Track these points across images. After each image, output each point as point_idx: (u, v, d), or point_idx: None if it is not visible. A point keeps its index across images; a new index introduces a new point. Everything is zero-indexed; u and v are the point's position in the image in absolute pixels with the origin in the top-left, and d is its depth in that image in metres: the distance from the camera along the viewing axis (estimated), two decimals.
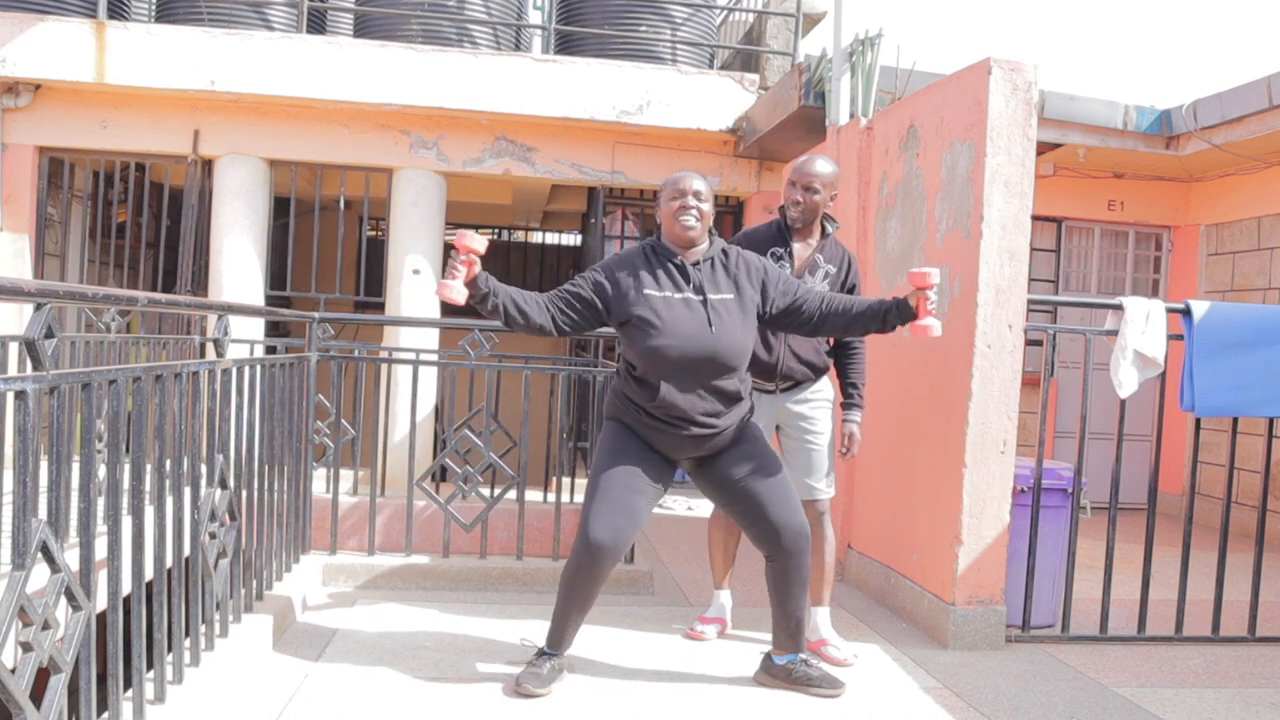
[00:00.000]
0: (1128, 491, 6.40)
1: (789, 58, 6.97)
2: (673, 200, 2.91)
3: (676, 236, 2.92)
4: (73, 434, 2.04)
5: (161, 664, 2.42)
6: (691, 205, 2.89)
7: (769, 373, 3.40)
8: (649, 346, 2.81)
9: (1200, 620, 3.80)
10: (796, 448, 3.47)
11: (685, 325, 2.82)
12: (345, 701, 2.80)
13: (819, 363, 3.44)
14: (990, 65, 3.54)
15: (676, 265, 2.92)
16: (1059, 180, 6.97)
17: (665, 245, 2.95)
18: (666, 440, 2.91)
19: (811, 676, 3.02)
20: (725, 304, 2.89)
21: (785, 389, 3.44)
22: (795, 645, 3.06)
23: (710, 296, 2.88)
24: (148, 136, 6.64)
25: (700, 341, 2.81)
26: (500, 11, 7.12)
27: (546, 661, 2.95)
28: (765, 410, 3.45)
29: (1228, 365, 3.61)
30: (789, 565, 2.96)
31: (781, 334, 3.36)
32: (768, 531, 2.93)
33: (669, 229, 2.93)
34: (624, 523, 2.84)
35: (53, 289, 1.85)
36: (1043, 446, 3.69)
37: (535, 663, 2.96)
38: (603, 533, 2.81)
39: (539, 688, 2.86)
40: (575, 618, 2.96)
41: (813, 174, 3.36)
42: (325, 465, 4.44)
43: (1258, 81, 5.42)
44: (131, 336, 5.60)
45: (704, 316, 2.84)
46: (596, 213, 7.36)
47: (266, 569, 3.50)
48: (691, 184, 2.91)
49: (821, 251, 3.43)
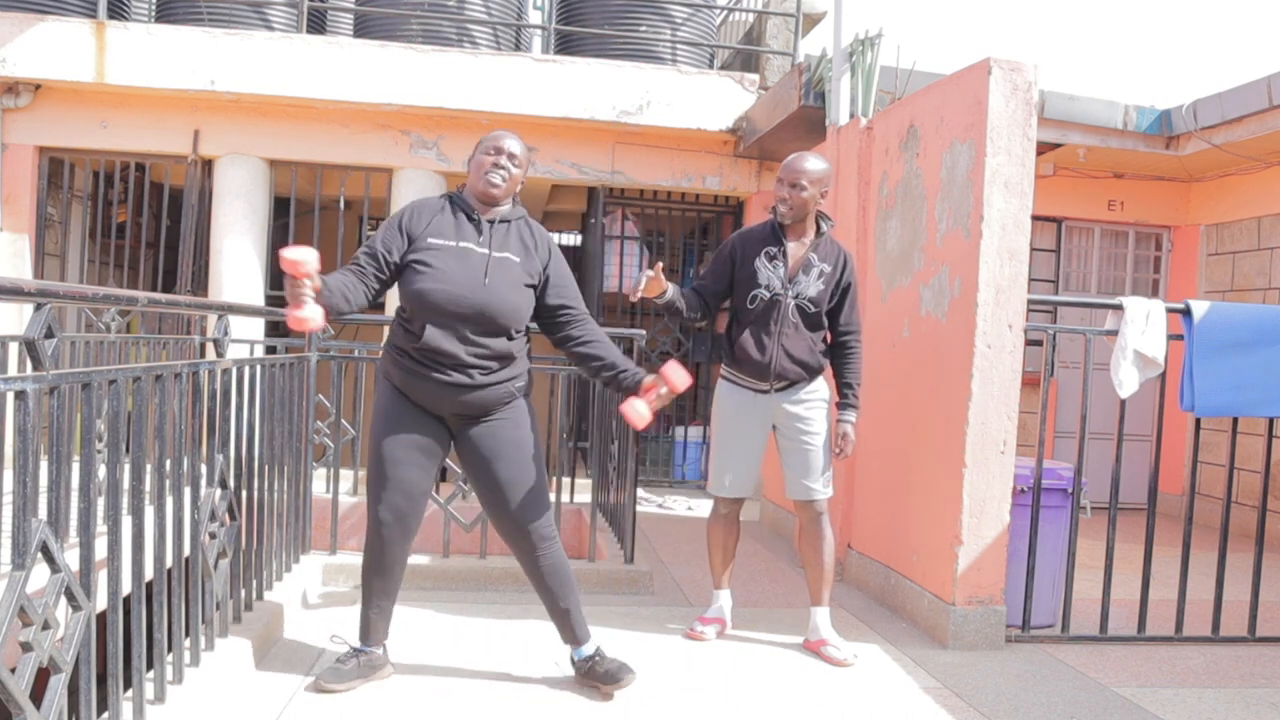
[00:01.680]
0: (1128, 491, 6.39)
1: (789, 58, 6.97)
2: (486, 155, 2.86)
3: (480, 191, 2.86)
4: (73, 434, 2.04)
5: (161, 664, 2.42)
6: (503, 165, 2.84)
7: (763, 372, 3.39)
8: (417, 289, 2.75)
9: (1200, 620, 3.80)
10: (792, 448, 3.46)
11: (458, 273, 2.76)
12: (345, 701, 2.80)
13: (813, 362, 3.43)
14: (990, 65, 3.54)
15: (471, 218, 2.86)
16: (1059, 180, 6.97)
17: (464, 198, 2.90)
18: (426, 389, 2.79)
19: (597, 670, 2.93)
20: (507, 262, 2.83)
21: (780, 389, 3.43)
22: (574, 637, 2.98)
23: (494, 253, 2.82)
24: (148, 136, 6.64)
25: (470, 291, 2.74)
26: (500, 11, 7.12)
27: (353, 658, 2.91)
28: (761, 410, 3.45)
29: (1228, 365, 3.61)
30: (528, 559, 2.92)
31: (775, 334, 3.36)
32: (504, 524, 2.90)
33: (473, 182, 2.88)
34: (402, 500, 2.83)
35: (53, 289, 1.85)
36: (1043, 446, 3.69)
37: (342, 659, 2.93)
38: (385, 513, 2.82)
39: (337, 684, 2.84)
40: (380, 605, 2.92)
41: (799, 170, 3.35)
42: (325, 465, 4.44)
43: (1258, 81, 5.42)
44: (131, 336, 5.60)
45: (481, 269, 2.78)
46: (596, 213, 7.35)
47: (266, 569, 3.50)
48: (509, 144, 2.86)
49: (816, 250, 3.42)
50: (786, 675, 3.22)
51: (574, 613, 2.97)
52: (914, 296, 4.08)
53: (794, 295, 3.39)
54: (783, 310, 3.38)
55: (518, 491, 2.87)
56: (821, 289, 3.40)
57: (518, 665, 3.15)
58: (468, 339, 2.76)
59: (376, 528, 2.84)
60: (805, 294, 3.39)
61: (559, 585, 2.95)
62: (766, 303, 3.39)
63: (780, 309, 3.38)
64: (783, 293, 3.39)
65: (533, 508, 2.89)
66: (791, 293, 3.39)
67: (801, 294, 3.39)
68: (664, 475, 7.72)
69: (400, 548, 2.86)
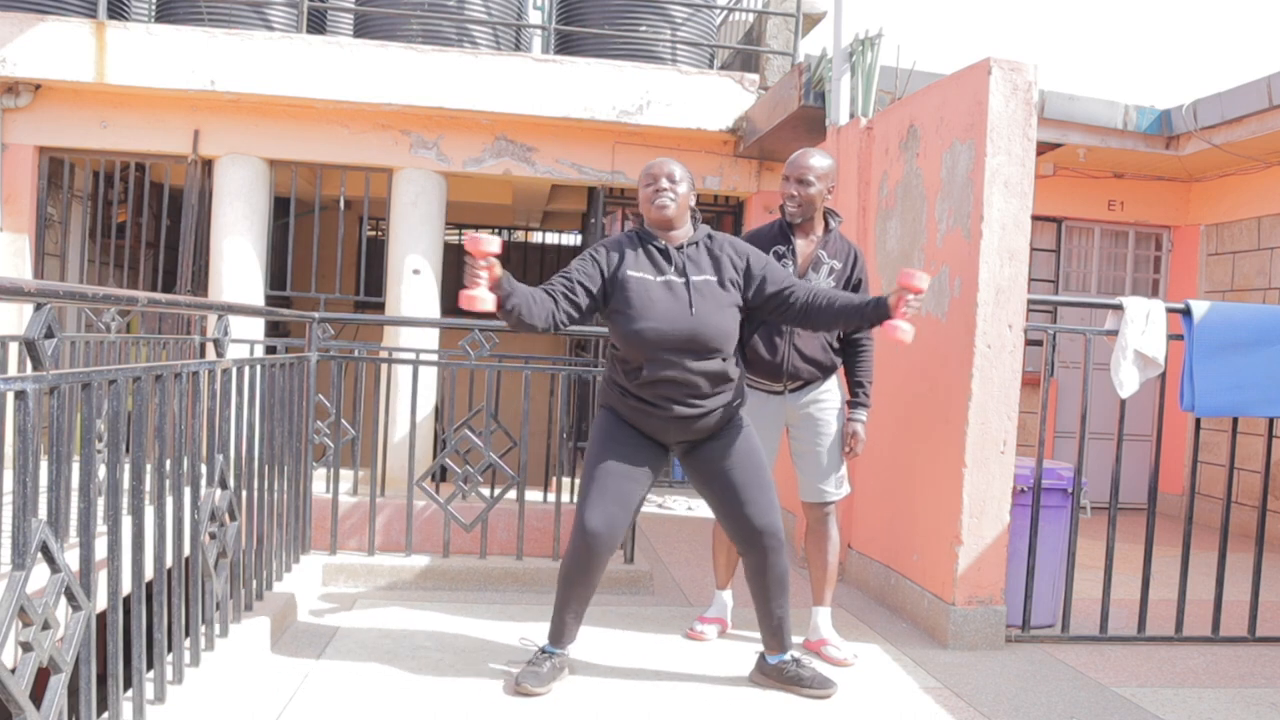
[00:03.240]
0: (1128, 491, 6.40)
1: (789, 58, 6.97)
2: (648, 186, 2.94)
3: (655, 219, 2.94)
4: (73, 434, 2.04)
5: (161, 664, 2.42)
6: (665, 188, 2.91)
7: (775, 373, 3.37)
8: (629, 330, 2.82)
9: (1200, 620, 3.80)
10: (806, 449, 3.45)
11: (663, 307, 2.83)
12: (345, 701, 2.80)
13: (826, 362, 3.41)
14: (990, 65, 3.54)
15: (659, 249, 2.94)
16: (1059, 180, 6.97)
17: (648, 230, 2.98)
18: (654, 423, 2.91)
19: (802, 676, 3.01)
20: (707, 285, 2.89)
21: (794, 389, 3.41)
22: (780, 644, 3.05)
23: (693, 278, 2.89)
24: (148, 136, 6.64)
25: (680, 323, 2.82)
26: (500, 11, 7.12)
27: (546, 660, 2.96)
28: (774, 411, 3.43)
29: (1228, 365, 3.61)
30: (762, 564, 2.97)
31: (786, 333, 3.34)
32: (743, 528, 2.95)
33: (647, 213, 2.96)
34: (617, 510, 2.87)
35: (53, 289, 1.85)
36: (1043, 446, 3.69)
37: (535, 661, 2.96)
38: (597, 520, 2.84)
39: (538, 686, 2.86)
40: (575, 610, 2.98)
41: (805, 166, 3.34)
42: (325, 465, 4.45)
43: (1258, 81, 5.42)
44: (131, 336, 5.60)
45: (685, 298, 2.85)
46: (596, 213, 7.36)
47: (266, 569, 3.50)
48: (665, 168, 2.94)
49: (825, 247, 3.40)
50: None
51: (786, 622, 3.04)
52: None
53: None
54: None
55: (753, 493, 2.93)
56: (833, 286, 3.36)
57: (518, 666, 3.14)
58: (686, 372, 2.83)
59: (586, 536, 2.85)
60: None
61: (782, 595, 3.00)
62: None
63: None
64: None
65: (768, 510, 2.95)
66: None
67: None
68: (664, 475, 7.72)
69: (605, 556, 2.90)
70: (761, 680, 3.07)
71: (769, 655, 3.07)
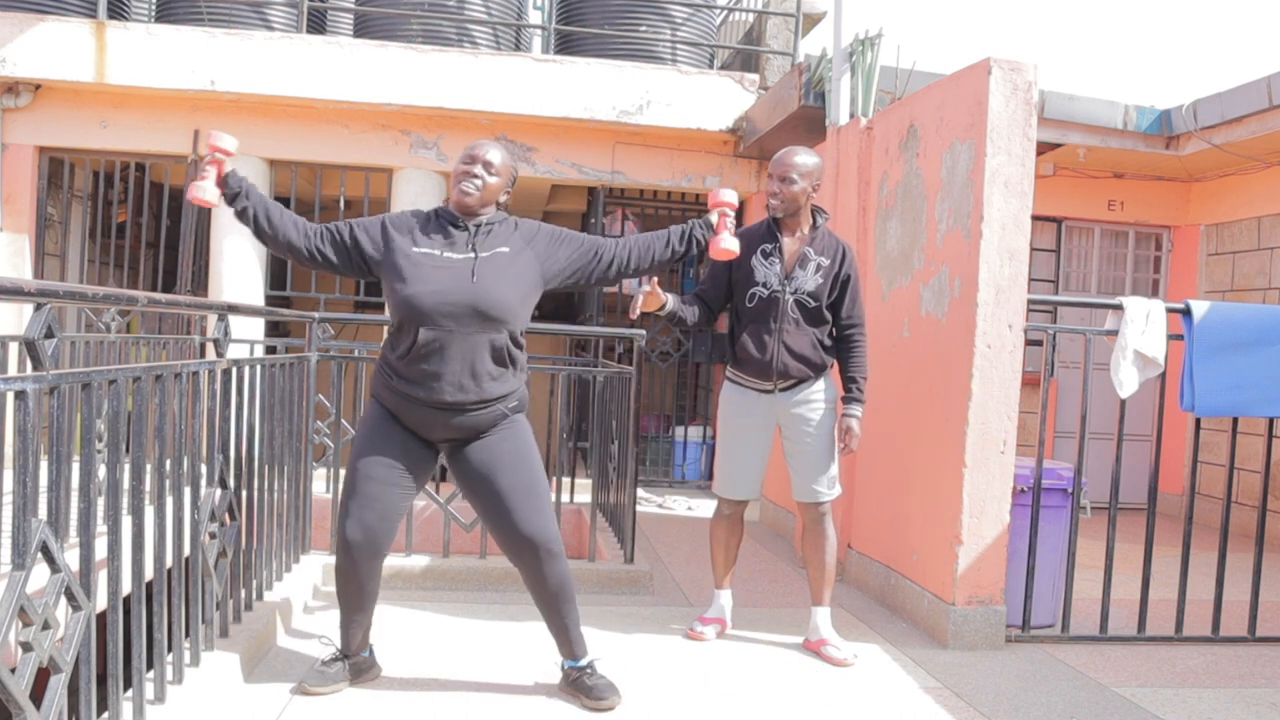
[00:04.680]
0: (1128, 491, 6.39)
1: (789, 58, 6.97)
2: (461, 164, 2.81)
3: (456, 201, 2.81)
4: (73, 434, 2.04)
5: (161, 664, 2.42)
6: (477, 174, 2.78)
7: (765, 371, 3.37)
8: (403, 296, 2.66)
9: (1200, 620, 3.80)
10: (798, 449, 3.44)
11: (444, 276, 2.69)
12: (345, 701, 2.80)
13: (816, 360, 3.40)
14: (990, 65, 3.54)
15: (455, 225, 2.80)
16: (1059, 180, 6.97)
17: (447, 209, 2.85)
18: (421, 413, 2.72)
19: (585, 685, 2.85)
20: (496, 257, 2.75)
21: (784, 388, 3.41)
22: (570, 650, 2.91)
23: (481, 254, 2.75)
24: (148, 136, 6.64)
25: (459, 292, 2.66)
26: (500, 11, 7.12)
27: (337, 662, 2.91)
28: (765, 410, 3.43)
29: (1228, 365, 3.61)
30: (536, 574, 2.81)
31: (775, 331, 3.34)
32: (510, 537, 2.78)
33: (450, 192, 2.85)
34: (376, 520, 2.72)
35: (53, 289, 1.85)
36: (1043, 446, 3.69)
37: (327, 663, 2.92)
38: (356, 533, 2.71)
39: (320, 687, 2.82)
40: (356, 619, 2.86)
41: (789, 164, 3.33)
42: (325, 465, 4.44)
43: (1258, 81, 5.42)
44: (131, 336, 5.60)
45: (468, 269, 2.71)
46: (596, 213, 7.35)
47: (266, 569, 3.50)
48: (484, 153, 2.81)
49: (812, 244, 3.40)
50: (787, 675, 3.22)
51: (573, 628, 2.90)
52: (914, 296, 4.08)
53: (792, 291, 3.36)
54: (781, 307, 3.36)
55: (520, 500, 2.75)
56: (820, 283, 3.37)
57: (518, 666, 3.15)
58: (462, 335, 2.67)
59: (345, 548, 2.73)
60: (803, 289, 3.36)
61: (560, 596, 2.85)
62: (765, 300, 3.37)
63: (779, 306, 3.36)
64: (780, 289, 3.36)
65: (537, 518, 2.76)
66: (789, 288, 3.36)
67: (800, 289, 3.36)
68: (664, 475, 7.72)
69: (370, 567, 2.77)
70: (561, 688, 2.94)
71: (566, 661, 2.93)
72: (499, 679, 3.03)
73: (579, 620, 2.93)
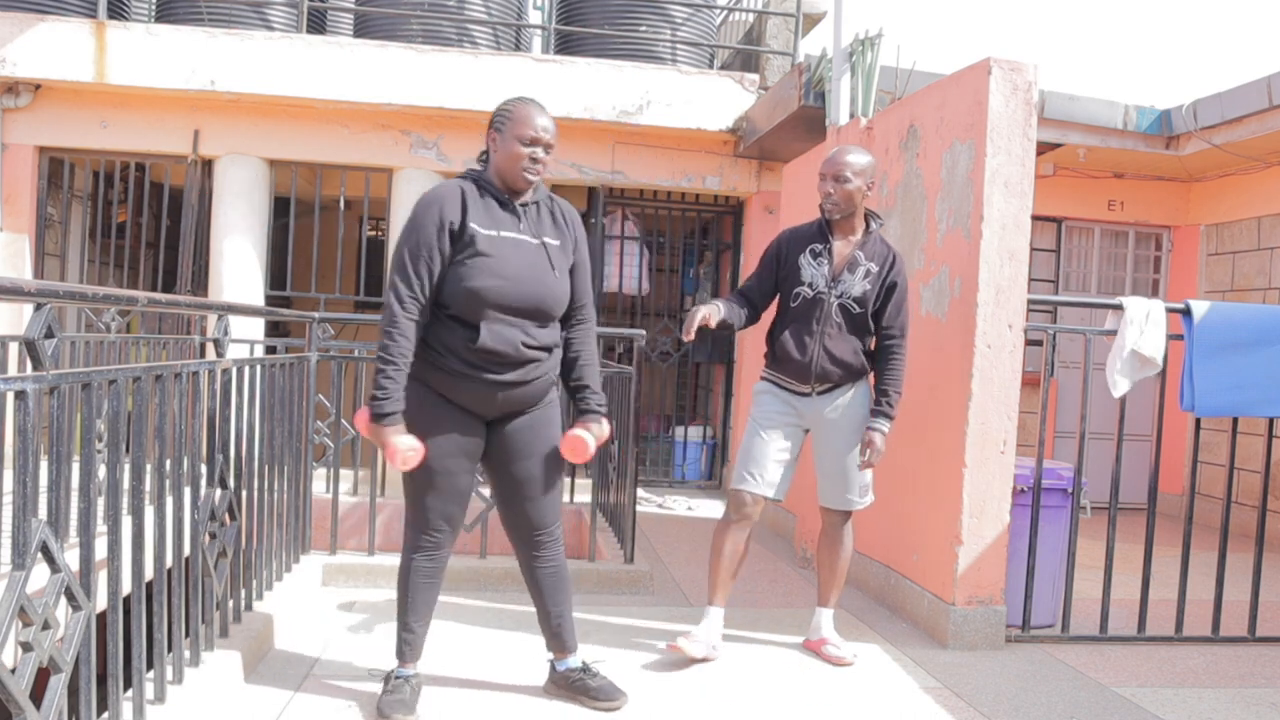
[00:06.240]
0: (1128, 491, 6.39)
1: (789, 58, 6.97)
2: (524, 146, 2.62)
3: (514, 185, 2.66)
4: (73, 434, 2.04)
5: (161, 664, 2.42)
6: (541, 159, 2.65)
7: (804, 373, 3.26)
8: (471, 286, 2.54)
9: (1200, 620, 3.80)
10: (832, 455, 3.33)
11: (517, 267, 2.59)
12: (345, 701, 2.79)
13: (856, 365, 3.29)
14: (990, 65, 3.54)
15: (503, 204, 2.67)
16: (1059, 180, 6.97)
17: (490, 182, 2.68)
18: (476, 392, 2.62)
19: (590, 687, 2.83)
20: (556, 249, 2.70)
21: (822, 391, 3.30)
22: (562, 646, 2.88)
23: (547, 240, 2.68)
24: (148, 136, 6.64)
25: (528, 284, 2.60)
26: (500, 11, 7.12)
27: (404, 684, 2.74)
28: (799, 412, 3.33)
29: (1228, 365, 3.61)
30: (534, 560, 2.82)
31: (817, 334, 3.24)
32: (523, 522, 2.78)
33: (507, 171, 2.65)
34: (457, 512, 2.74)
35: (53, 289, 1.85)
36: (1043, 446, 3.69)
37: (394, 687, 2.73)
38: (442, 528, 2.72)
39: (405, 715, 2.64)
40: (427, 619, 2.81)
41: (843, 163, 3.22)
42: (325, 465, 4.44)
43: (1258, 81, 5.42)
44: (131, 336, 5.60)
45: (539, 260, 2.64)
46: (596, 213, 7.35)
47: (266, 569, 3.50)
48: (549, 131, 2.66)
49: (863, 248, 3.29)
50: (787, 675, 3.22)
51: (567, 621, 2.87)
52: (914, 296, 4.08)
53: (838, 295, 3.25)
54: (825, 310, 3.25)
55: (539, 490, 2.76)
56: (867, 289, 3.25)
57: (519, 666, 3.15)
58: (528, 333, 2.63)
59: (435, 547, 2.73)
60: (850, 293, 3.25)
61: (558, 591, 2.84)
62: (809, 301, 3.27)
63: (823, 308, 3.25)
64: (826, 291, 3.25)
65: (550, 509, 2.81)
66: (835, 292, 3.25)
67: (846, 293, 3.25)
68: (664, 475, 7.72)
69: (446, 562, 2.79)
70: (552, 690, 2.90)
71: (556, 661, 2.90)
72: (499, 679, 3.02)
73: (572, 615, 2.92)
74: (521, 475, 2.75)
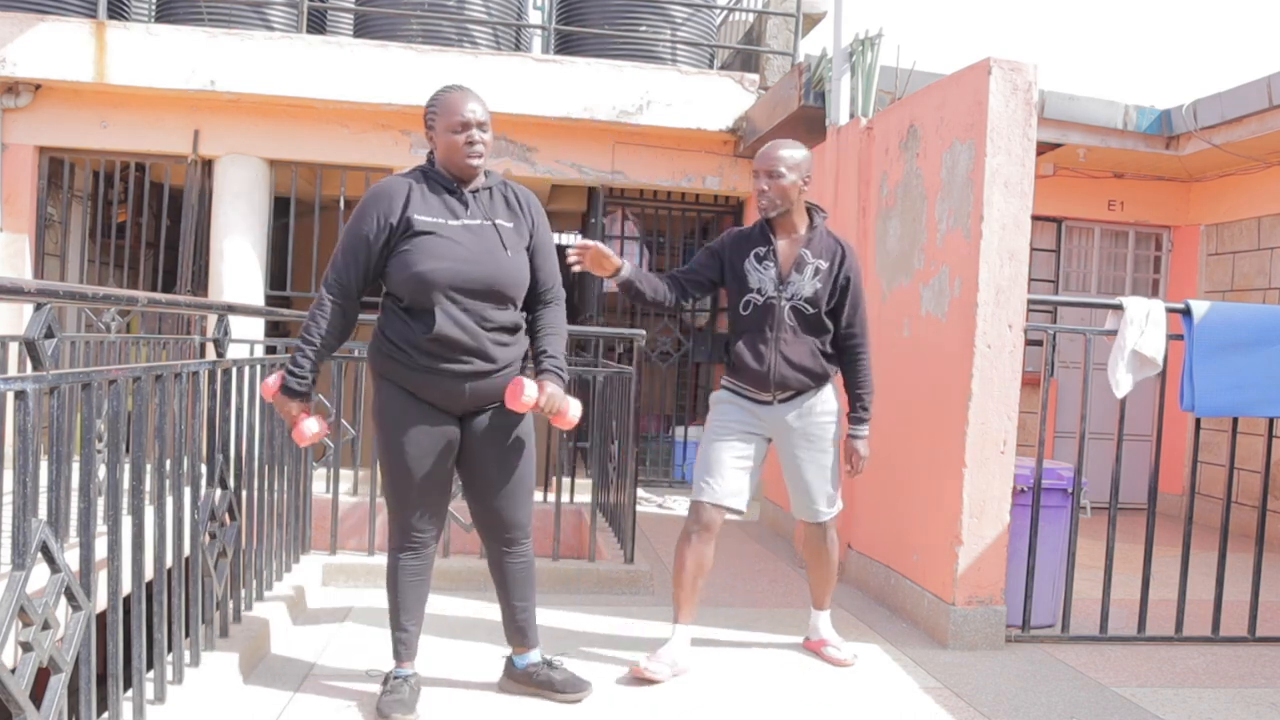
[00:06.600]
0: (1128, 491, 6.39)
1: (789, 58, 6.97)
2: (455, 134, 2.62)
3: (461, 171, 2.65)
4: (73, 434, 2.04)
5: (161, 664, 2.42)
6: (477, 140, 2.63)
7: (762, 382, 3.14)
8: (418, 271, 2.53)
9: (1200, 620, 3.79)
10: (797, 464, 3.22)
11: (467, 249, 2.58)
12: (345, 702, 2.79)
13: (817, 369, 3.16)
14: (990, 65, 3.54)
15: (452, 192, 2.66)
16: (1059, 180, 6.97)
17: (439, 174, 2.68)
18: (442, 385, 2.60)
19: (554, 680, 2.85)
20: (508, 230, 2.67)
21: (784, 399, 3.18)
22: (524, 641, 2.88)
23: (498, 221, 2.66)
24: (148, 136, 6.65)
25: (478, 264, 2.58)
26: (500, 11, 7.12)
27: (404, 684, 2.72)
28: (759, 422, 3.21)
29: (1228, 365, 3.61)
30: (508, 555, 2.82)
31: (772, 340, 3.12)
32: (494, 519, 2.78)
33: (451, 160, 2.65)
34: (438, 514, 2.75)
35: (53, 289, 1.85)
36: (1043, 446, 3.69)
37: (393, 688, 2.71)
38: (426, 529, 2.72)
39: (406, 715, 2.63)
40: (419, 619, 2.79)
41: (776, 157, 3.10)
42: (325, 465, 4.44)
43: (1258, 81, 5.42)
44: (131, 336, 5.60)
45: (495, 240, 2.62)
46: (596, 213, 7.35)
47: (266, 569, 3.50)
48: (477, 113, 2.65)
49: (809, 245, 3.16)
50: (786, 675, 3.22)
51: (531, 616, 2.88)
52: (914, 296, 4.08)
53: (788, 297, 3.14)
54: (778, 314, 3.13)
55: (511, 484, 2.76)
56: (819, 288, 3.14)
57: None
58: (483, 318, 2.60)
59: (421, 546, 2.72)
60: (801, 294, 3.13)
61: (526, 586, 2.85)
62: (760, 308, 3.15)
63: (775, 313, 3.14)
64: (776, 295, 3.14)
65: (523, 505, 2.80)
66: (786, 294, 3.14)
67: (797, 295, 3.13)
68: (664, 475, 7.72)
69: (432, 559, 2.79)
70: (511, 686, 2.89)
71: (516, 656, 2.90)
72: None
73: (534, 610, 2.91)
74: (495, 471, 2.74)
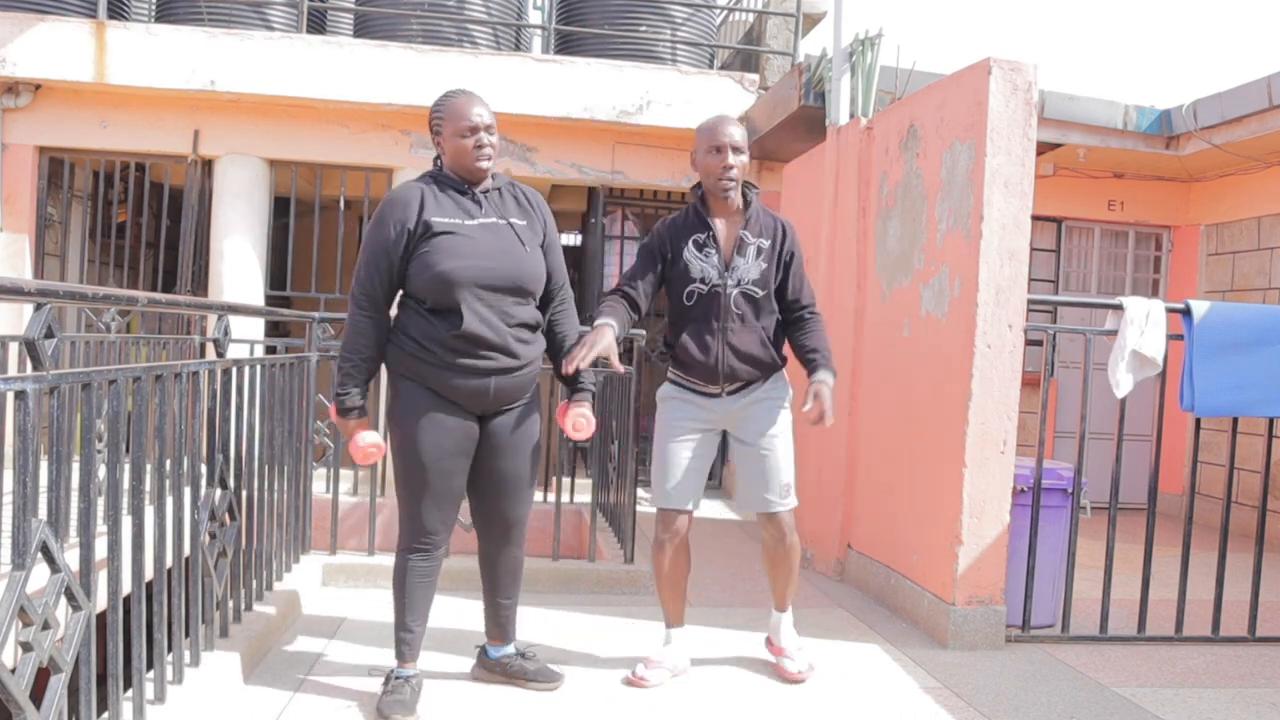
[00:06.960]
0: (1128, 491, 6.39)
1: (789, 58, 6.97)
2: (463, 138, 2.67)
3: (471, 174, 2.71)
4: (73, 434, 2.04)
5: (161, 664, 2.42)
6: (485, 143, 2.68)
7: (711, 375, 3.00)
8: (441, 270, 2.58)
9: (1200, 620, 3.79)
10: (748, 456, 3.07)
11: (487, 246, 2.64)
12: (345, 702, 2.79)
13: (766, 359, 3.03)
14: (990, 65, 3.54)
15: (463, 193, 2.71)
16: (1059, 180, 6.97)
17: (449, 177, 2.73)
18: (468, 384, 2.64)
19: (527, 670, 2.93)
20: (523, 228, 2.74)
21: (732, 391, 3.04)
22: (504, 634, 2.97)
23: (513, 220, 2.73)
24: (148, 136, 6.64)
25: (501, 261, 2.64)
26: (500, 11, 7.12)
27: (405, 684, 2.73)
28: (709, 414, 3.07)
29: (1228, 365, 3.61)
30: (502, 553, 2.90)
31: (719, 331, 2.98)
32: (495, 517, 2.85)
33: (460, 164, 2.70)
34: (453, 512, 2.79)
35: (53, 289, 1.85)
36: (1043, 446, 3.69)
37: (394, 688, 2.72)
38: (438, 529, 2.75)
39: (405, 716, 2.63)
40: (425, 618, 2.81)
41: (733, 132, 3.00)
42: (325, 465, 4.44)
43: (1258, 81, 5.42)
44: (131, 336, 5.60)
45: (512, 237, 2.69)
46: (596, 213, 7.35)
47: (266, 569, 3.50)
48: (483, 116, 2.69)
49: (747, 226, 3.04)
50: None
51: (514, 611, 2.98)
52: (914, 296, 4.08)
53: (734, 283, 2.98)
54: (724, 303, 2.98)
55: (517, 486, 2.83)
56: (764, 268, 3.01)
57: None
58: (507, 314, 2.66)
59: (431, 549, 2.76)
60: (747, 278, 2.99)
61: (515, 583, 2.96)
62: (705, 297, 2.99)
63: (721, 301, 2.98)
64: (721, 283, 2.98)
65: (526, 504, 2.88)
66: (731, 280, 2.98)
67: (743, 279, 2.99)
68: None
69: (441, 561, 2.83)
70: (484, 675, 2.97)
71: (491, 647, 2.98)
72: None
73: (517, 606, 3.00)
74: (505, 471, 2.80)
